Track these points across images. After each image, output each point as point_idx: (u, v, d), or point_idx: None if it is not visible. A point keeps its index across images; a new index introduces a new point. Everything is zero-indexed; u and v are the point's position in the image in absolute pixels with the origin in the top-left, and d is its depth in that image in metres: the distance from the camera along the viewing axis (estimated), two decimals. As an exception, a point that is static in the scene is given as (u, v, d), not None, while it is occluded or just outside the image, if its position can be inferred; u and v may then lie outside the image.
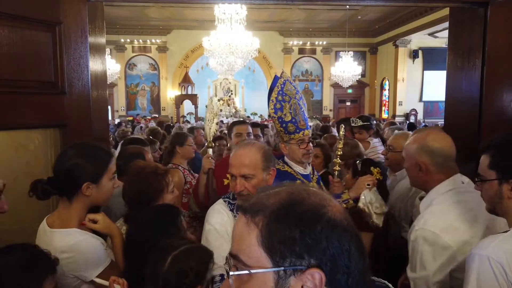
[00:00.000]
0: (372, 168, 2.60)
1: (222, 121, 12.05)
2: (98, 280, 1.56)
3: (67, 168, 1.61)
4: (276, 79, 2.58)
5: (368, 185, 2.33)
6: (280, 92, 2.50)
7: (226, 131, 6.61)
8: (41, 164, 2.00)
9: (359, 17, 16.27)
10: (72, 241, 1.57)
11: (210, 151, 2.75)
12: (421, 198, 2.30)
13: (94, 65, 2.21)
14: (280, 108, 2.51)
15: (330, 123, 11.16)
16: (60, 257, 1.51)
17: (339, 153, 2.53)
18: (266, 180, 1.74)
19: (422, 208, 1.87)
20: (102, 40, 2.30)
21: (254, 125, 4.12)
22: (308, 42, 19.37)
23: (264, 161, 1.75)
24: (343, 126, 2.70)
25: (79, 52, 2.08)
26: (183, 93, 17.78)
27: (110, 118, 16.89)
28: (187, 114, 18.36)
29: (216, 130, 2.82)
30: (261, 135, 3.71)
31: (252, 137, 3.06)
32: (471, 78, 2.65)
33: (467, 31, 2.67)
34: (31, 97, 1.91)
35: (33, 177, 1.95)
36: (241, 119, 3.06)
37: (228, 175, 2.89)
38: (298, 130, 2.51)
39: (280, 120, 2.54)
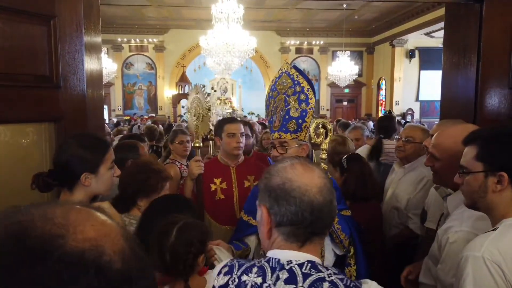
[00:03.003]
0: None
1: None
2: None
3: (65, 160, 1.64)
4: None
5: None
6: (273, 86, 2.19)
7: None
8: (36, 158, 1.99)
9: (356, 17, 16.29)
10: None
11: (199, 152, 2.39)
12: (436, 188, 2.30)
13: (90, 63, 2.20)
14: (267, 105, 2.23)
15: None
16: None
17: (325, 146, 2.18)
18: (261, 223, 1.13)
19: (451, 207, 1.81)
20: (97, 38, 2.29)
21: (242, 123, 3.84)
22: (305, 42, 19.39)
23: (259, 192, 1.15)
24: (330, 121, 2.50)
25: (74, 46, 2.07)
26: (180, 92, 17.76)
27: (107, 117, 16.85)
28: (184, 114, 18.33)
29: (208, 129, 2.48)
30: (250, 134, 3.35)
31: (244, 137, 2.79)
32: (467, 75, 2.66)
33: (462, 27, 2.68)
34: (25, 91, 1.90)
35: (27, 171, 1.94)
36: (231, 117, 2.64)
37: (215, 180, 2.63)
38: (271, 131, 2.17)
39: (267, 118, 2.30)
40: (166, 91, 19.13)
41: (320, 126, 2.00)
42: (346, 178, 2.67)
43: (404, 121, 14.04)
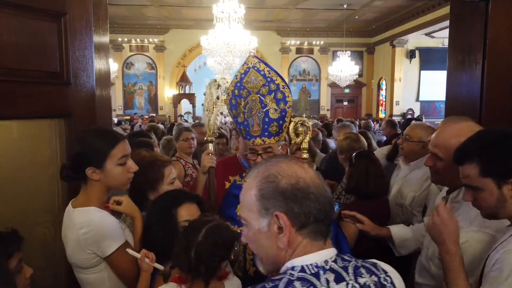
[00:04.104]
0: None
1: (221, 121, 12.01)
2: (131, 252, 1.60)
3: (72, 155, 1.68)
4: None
5: None
6: (238, 84, 1.95)
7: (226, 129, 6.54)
8: (46, 154, 2.00)
9: (356, 17, 16.32)
10: (89, 217, 1.62)
11: (211, 146, 2.32)
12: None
13: (98, 62, 2.21)
14: (235, 105, 1.99)
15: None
16: (79, 233, 1.59)
17: (305, 146, 2.00)
18: (265, 234, 1.03)
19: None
20: (105, 38, 2.31)
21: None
22: (306, 42, 19.42)
23: (262, 200, 1.03)
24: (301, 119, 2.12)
25: (84, 43, 2.08)
26: (180, 92, 17.79)
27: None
28: (184, 113, 18.36)
29: (217, 123, 2.34)
30: None
31: None
32: (472, 73, 2.66)
33: (467, 25, 2.69)
34: (36, 87, 1.90)
35: (38, 167, 1.97)
36: None
37: (231, 178, 2.41)
38: (248, 137, 1.94)
39: (235, 119, 2.06)
40: (167, 91, 19.15)
41: (299, 124, 1.88)
42: (351, 173, 2.70)
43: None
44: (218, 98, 2.18)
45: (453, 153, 1.49)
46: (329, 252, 1.03)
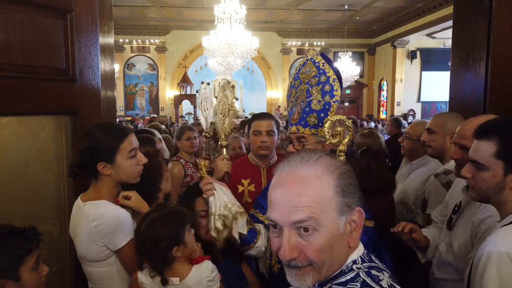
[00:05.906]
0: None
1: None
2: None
3: (82, 151, 1.68)
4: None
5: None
6: (296, 75, 1.98)
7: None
8: (53, 150, 2.00)
9: (358, 17, 16.33)
10: (102, 210, 1.64)
11: (225, 151, 2.19)
12: (436, 176, 2.29)
13: (104, 62, 2.22)
14: (288, 95, 2.03)
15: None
16: (91, 226, 1.61)
17: (342, 148, 1.77)
18: (341, 235, 0.92)
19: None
20: (110, 39, 2.32)
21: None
22: (307, 43, 19.41)
23: (343, 197, 0.93)
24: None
25: (89, 40, 2.09)
26: (181, 93, 17.77)
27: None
28: (185, 114, 18.34)
29: (233, 127, 2.17)
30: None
31: (276, 137, 2.52)
32: (476, 72, 2.66)
33: (471, 23, 2.69)
34: (42, 83, 1.92)
35: (44, 163, 1.97)
36: (264, 112, 2.34)
37: (243, 181, 2.41)
38: (289, 125, 1.97)
39: (287, 109, 2.08)
40: (168, 92, 19.16)
41: (337, 124, 1.71)
42: (353, 167, 2.71)
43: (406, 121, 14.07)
44: (237, 99, 2.08)
45: (476, 127, 1.45)
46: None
